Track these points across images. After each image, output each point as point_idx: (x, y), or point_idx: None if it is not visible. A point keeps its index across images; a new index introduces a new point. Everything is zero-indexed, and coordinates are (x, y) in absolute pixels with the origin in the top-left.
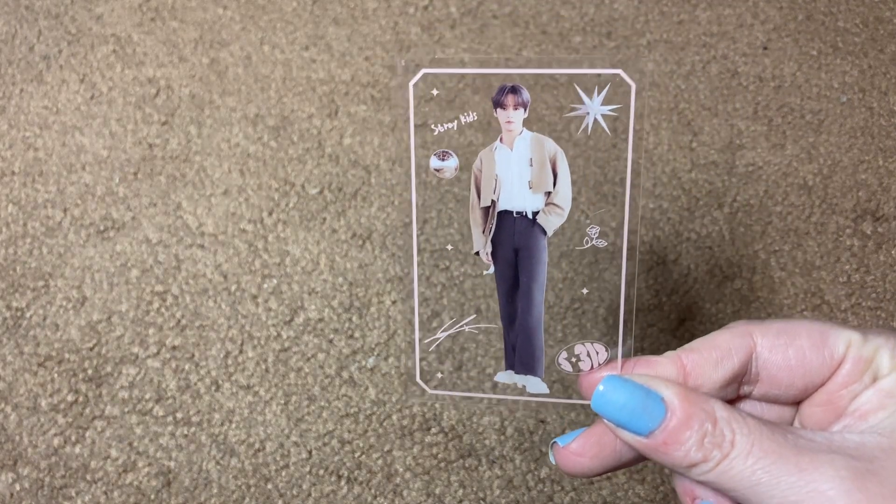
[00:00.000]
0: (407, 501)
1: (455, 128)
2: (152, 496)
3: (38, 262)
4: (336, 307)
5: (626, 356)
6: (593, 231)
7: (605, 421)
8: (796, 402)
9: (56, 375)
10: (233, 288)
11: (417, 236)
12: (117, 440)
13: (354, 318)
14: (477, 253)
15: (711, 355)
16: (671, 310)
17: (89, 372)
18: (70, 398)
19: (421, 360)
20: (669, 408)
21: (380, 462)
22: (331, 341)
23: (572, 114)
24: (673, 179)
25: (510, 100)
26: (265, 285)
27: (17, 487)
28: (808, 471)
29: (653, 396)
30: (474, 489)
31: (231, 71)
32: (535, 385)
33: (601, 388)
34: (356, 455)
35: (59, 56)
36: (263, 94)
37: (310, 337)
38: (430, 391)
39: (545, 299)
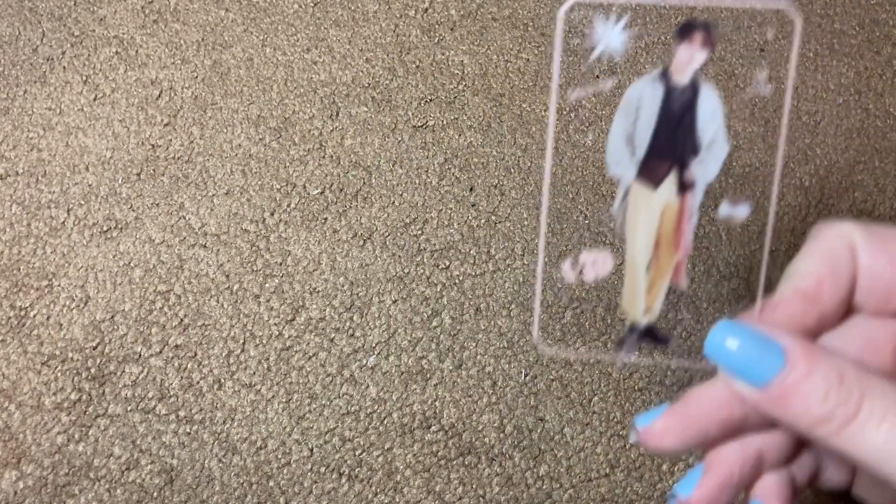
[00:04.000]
0: (407, 499)
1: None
2: (155, 494)
3: (41, 261)
4: (337, 306)
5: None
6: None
7: (721, 370)
8: (892, 315)
9: (59, 374)
10: (235, 287)
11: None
12: (120, 438)
13: (355, 318)
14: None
15: (825, 269)
16: (669, 309)
17: (92, 370)
18: (73, 397)
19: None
20: (790, 357)
21: (380, 460)
22: (332, 340)
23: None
24: None
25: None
26: (267, 285)
27: (21, 485)
28: None
29: (772, 345)
30: (474, 486)
31: (233, 73)
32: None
33: (718, 334)
34: (357, 453)
35: (62, 58)
36: (265, 95)
37: (311, 336)
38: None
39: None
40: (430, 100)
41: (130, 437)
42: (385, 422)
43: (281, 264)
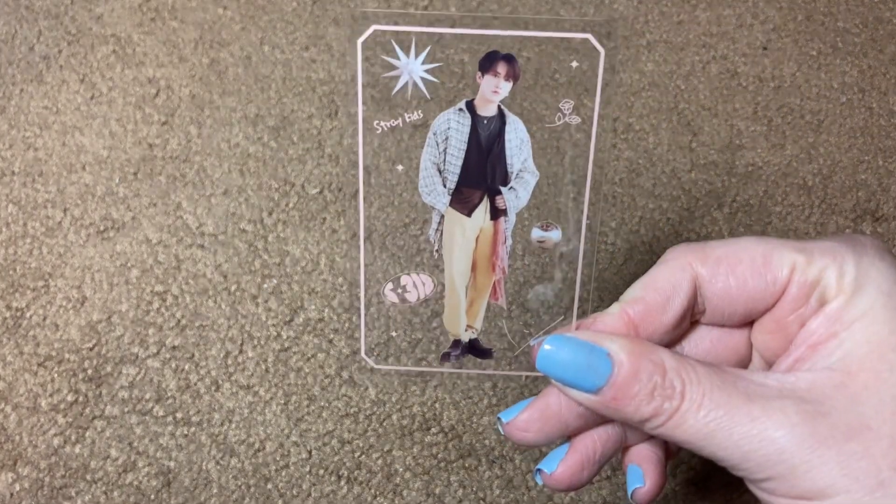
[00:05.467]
0: (407, 501)
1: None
2: (152, 496)
3: (38, 262)
4: (336, 307)
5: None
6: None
7: (554, 381)
8: (744, 325)
9: (56, 375)
10: (233, 288)
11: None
12: (117, 440)
13: (354, 319)
14: None
15: (657, 299)
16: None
17: (89, 372)
18: (70, 398)
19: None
20: (616, 362)
21: (380, 462)
22: (331, 341)
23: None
24: (673, 180)
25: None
26: (265, 285)
27: (17, 487)
28: (759, 419)
29: (598, 352)
30: (474, 489)
31: (231, 71)
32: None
33: (546, 347)
34: (356, 455)
35: (59, 56)
36: (263, 94)
37: (310, 337)
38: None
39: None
40: (430, 98)
41: (127, 439)
42: (384, 424)
43: (279, 264)
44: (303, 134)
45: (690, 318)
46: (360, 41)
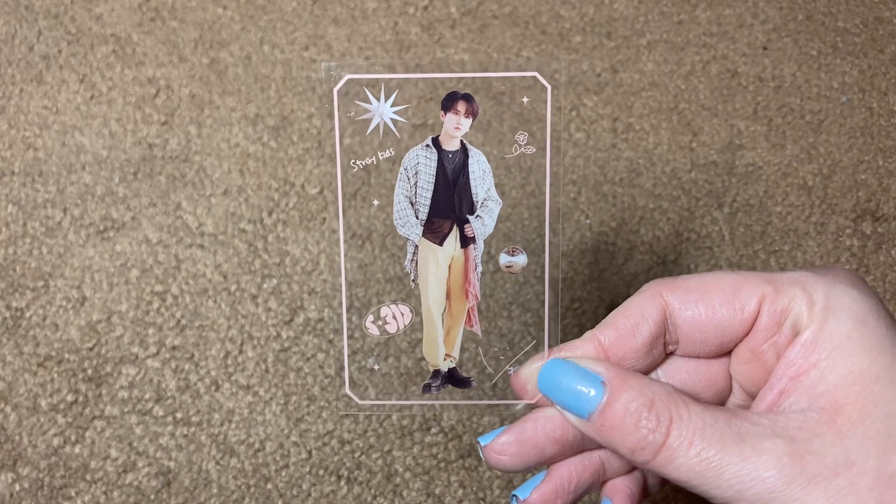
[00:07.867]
0: (407, 501)
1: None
2: (152, 496)
3: (37, 262)
4: (336, 307)
5: (551, 345)
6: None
7: (553, 403)
8: (720, 356)
9: (56, 375)
10: (232, 288)
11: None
12: (117, 440)
13: (354, 319)
14: None
15: (626, 324)
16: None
17: (89, 372)
18: (70, 398)
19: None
20: (607, 390)
21: (380, 462)
22: (330, 341)
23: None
24: (673, 179)
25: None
26: (265, 285)
27: (17, 487)
28: (750, 459)
29: (592, 378)
30: (474, 489)
31: (231, 71)
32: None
33: (546, 370)
34: (356, 455)
35: (58, 56)
36: (263, 94)
37: (309, 337)
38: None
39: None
40: (430, 98)
41: (127, 440)
42: (384, 424)
43: (279, 264)
44: (303, 134)
45: (664, 348)
46: (335, 89)
